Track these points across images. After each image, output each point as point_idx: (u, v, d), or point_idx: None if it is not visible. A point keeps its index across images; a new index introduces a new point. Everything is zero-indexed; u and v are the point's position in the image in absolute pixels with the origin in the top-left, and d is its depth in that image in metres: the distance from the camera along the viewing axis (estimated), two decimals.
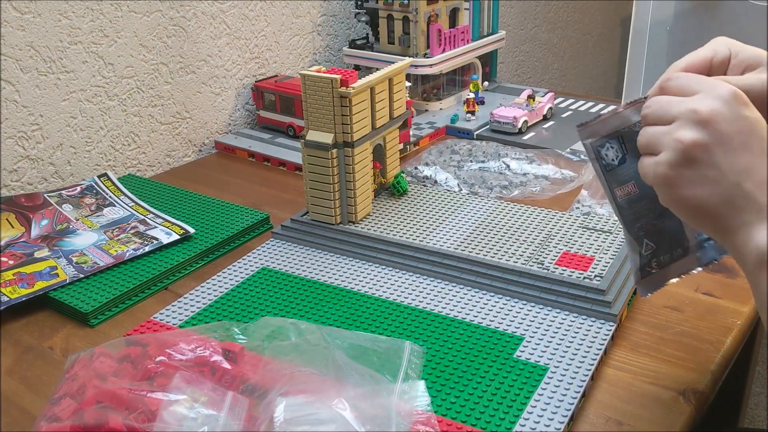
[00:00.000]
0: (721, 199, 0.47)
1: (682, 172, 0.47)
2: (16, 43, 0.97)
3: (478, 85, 1.31)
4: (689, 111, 0.47)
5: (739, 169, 0.46)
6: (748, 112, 0.47)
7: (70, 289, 0.78)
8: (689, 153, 0.47)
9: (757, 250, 0.46)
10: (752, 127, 0.47)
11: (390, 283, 0.78)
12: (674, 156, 0.47)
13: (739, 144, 0.46)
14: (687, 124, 0.47)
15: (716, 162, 0.46)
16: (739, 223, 0.47)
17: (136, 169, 1.16)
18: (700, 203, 0.48)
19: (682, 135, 0.47)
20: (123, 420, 0.52)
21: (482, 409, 0.59)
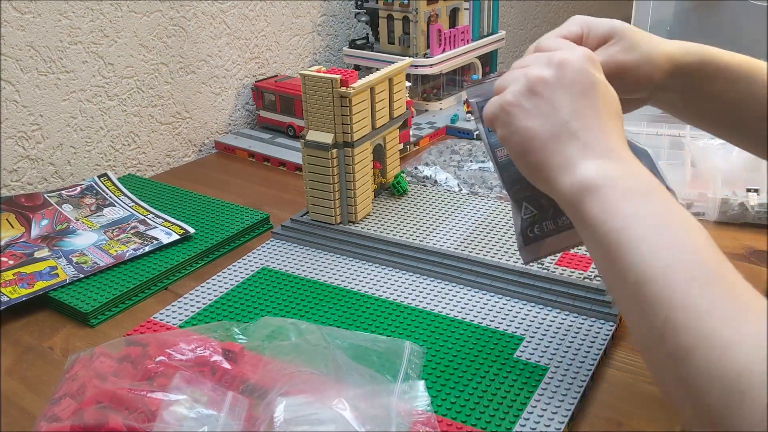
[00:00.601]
0: (549, 132, 0.50)
1: (522, 101, 0.51)
2: (16, 43, 0.97)
3: None
4: (544, 56, 0.53)
5: (572, 110, 0.50)
6: (595, 71, 0.52)
7: (70, 289, 0.78)
8: (532, 85, 0.51)
9: (579, 181, 0.48)
10: (594, 83, 0.51)
11: (390, 283, 0.78)
12: (519, 87, 0.52)
13: (578, 91, 0.50)
14: (539, 63, 0.52)
15: (553, 99, 0.50)
16: (563, 156, 0.50)
17: (136, 169, 1.16)
18: (531, 134, 0.51)
19: (530, 70, 0.52)
20: (123, 420, 0.52)
21: (482, 409, 0.59)
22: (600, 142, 0.49)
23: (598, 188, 0.47)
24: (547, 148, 0.50)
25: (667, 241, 0.44)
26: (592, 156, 0.49)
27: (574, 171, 0.49)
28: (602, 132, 0.50)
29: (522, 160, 0.53)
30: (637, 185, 0.47)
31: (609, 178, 0.48)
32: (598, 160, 0.49)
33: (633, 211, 0.46)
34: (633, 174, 0.48)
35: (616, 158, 0.49)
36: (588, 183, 0.48)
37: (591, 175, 0.48)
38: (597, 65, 0.53)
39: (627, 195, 0.47)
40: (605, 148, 0.49)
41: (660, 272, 0.43)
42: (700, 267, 0.42)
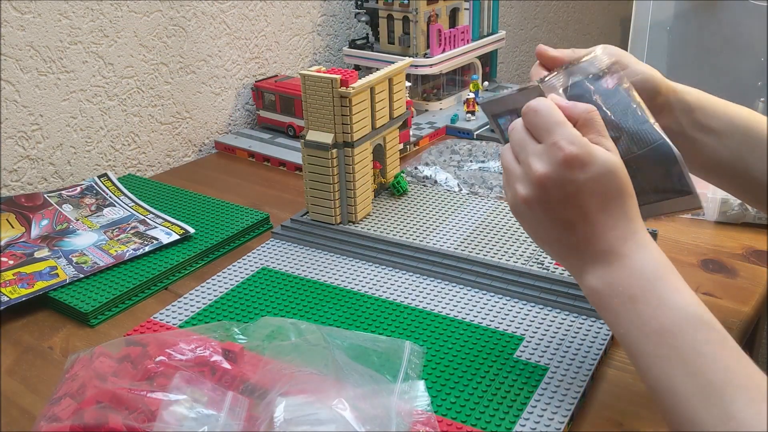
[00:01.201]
0: (548, 245, 0.55)
1: (523, 215, 0.55)
2: (16, 43, 0.97)
3: (478, 85, 1.31)
4: (528, 164, 0.53)
5: (561, 224, 0.52)
6: (578, 173, 0.51)
7: (70, 289, 0.78)
8: (516, 206, 0.54)
9: (587, 288, 0.52)
10: (579, 189, 0.51)
11: (390, 283, 0.78)
12: (513, 202, 0.55)
13: (564, 204, 0.51)
14: (525, 177, 0.53)
15: (542, 218, 0.53)
16: (570, 265, 0.54)
17: (136, 169, 1.16)
18: (540, 239, 0.55)
19: (518, 187, 0.54)
20: (123, 420, 0.52)
21: (482, 409, 0.59)
22: (597, 245, 0.51)
23: (601, 298, 0.51)
24: (557, 256, 0.55)
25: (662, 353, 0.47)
26: (592, 263, 0.52)
27: (582, 280, 0.53)
28: (597, 235, 0.51)
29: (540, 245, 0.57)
30: (633, 289, 0.49)
31: (608, 287, 0.50)
32: (596, 267, 0.51)
33: (633, 318, 0.49)
34: (629, 276, 0.50)
35: (614, 259, 0.51)
36: (592, 294, 0.52)
37: (593, 285, 0.51)
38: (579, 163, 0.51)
39: (627, 302, 0.49)
40: (602, 251, 0.51)
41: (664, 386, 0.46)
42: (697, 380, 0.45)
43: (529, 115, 0.53)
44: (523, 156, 0.53)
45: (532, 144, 0.53)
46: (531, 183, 0.52)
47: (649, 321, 0.48)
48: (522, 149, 0.54)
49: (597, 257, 0.51)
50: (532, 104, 0.53)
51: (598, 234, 0.51)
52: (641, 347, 0.48)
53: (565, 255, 0.54)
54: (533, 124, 0.53)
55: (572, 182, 0.51)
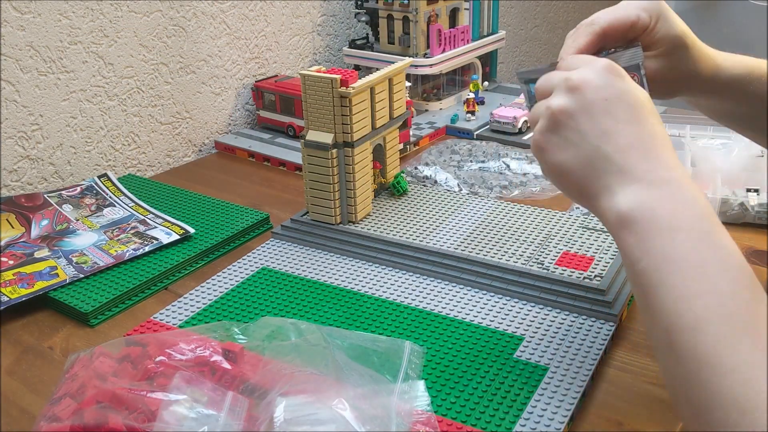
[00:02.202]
0: (582, 162, 0.48)
1: (550, 137, 0.50)
2: (16, 43, 0.97)
3: (478, 85, 1.31)
4: (563, 80, 0.50)
5: (599, 133, 0.47)
6: (618, 81, 0.48)
7: (70, 289, 0.78)
8: (555, 118, 0.49)
9: (617, 212, 0.46)
10: (619, 95, 0.48)
11: (390, 283, 0.78)
12: (544, 123, 0.50)
13: (602, 110, 0.47)
14: (559, 92, 0.50)
15: (578, 127, 0.48)
16: (599, 186, 0.48)
17: (136, 169, 1.16)
18: (566, 167, 0.49)
19: (551, 102, 0.50)
20: (123, 420, 0.52)
21: (482, 409, 0.59)
22: (639, 161, 0.47)
23: (634, 221, 0.45)
24: (584, 178, 0.49)
25: (700, 288, 0.42)
26: (630, 181, 0.46)
27: (612, 200, 0.47)
28: (639, 148, 0.47)
29: (565, 191, 0.52)
30: (676, 217, 0.44)
31: (646, 209, 0.45)
32: (635, 186, 0.46)
33: (668, 252, 0.44)
34: (673, 201, 0.45)
35: (658, 182, 0.46)
36: (625, 215, 0.46)
37: (627, 207, 0.46)
38: (619, 73, 0.50)
39: (663, 231, 0.44)
40: (643, 169, 0.46)
41: (689, 324, 0.41)
42: (730, 320, 0.41)
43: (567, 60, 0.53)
44: (556, 77, 0.51)
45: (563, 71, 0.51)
46: (569, 89, 0.49)
47: (688, 254, 0.43)
48: (553, 76, 0.51)
49: (640, 176, 0.46)
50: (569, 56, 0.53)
51: (642, 146, 0.47)
52: (672, 281, 0.43)
53: (598, 175, 0.47)
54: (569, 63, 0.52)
55: (614, 87, 0.48)
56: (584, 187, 0.49)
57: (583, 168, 0.48)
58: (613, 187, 0.47)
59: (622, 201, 0.46)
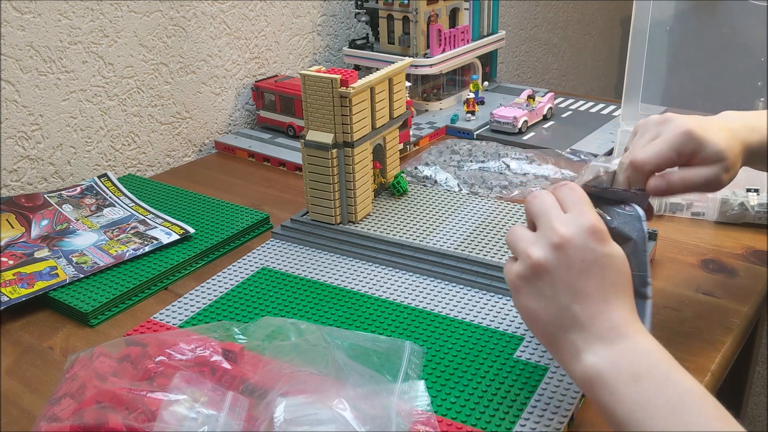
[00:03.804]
0: (552, 315, 0.52)
1: (525, 284, 0.53)
2: (16, 43, 0.97)
3: (478, 85, 1.31)
4: (550, 228, 0.53)
5: (571, 293, 0.51)
6: (598, 245, 0.52)
7: (70, 289, 0.78)
8: (534, 269, 0.52)
9: (584, 370, 0.50)
10: (597, 259, 0.51)
11: (390, 283, 0.78)
12: (521, 268, 0.53)
13: (579, 271, 0.51)
14: (541, 242, 0.53)
15: (554, 283, 0.52)
16: (566, 341, 0.51)
17: (136, 169, 1.16)
18: (536, 315, 0.53)
19: (533, 251, 0.53)
20: (123, 420, 0.52)
21: (482, 409, 0.59)
22: (602, 322, 0.50)
23: (601, 376, 0.49)
24: (552, 329, 0.52)
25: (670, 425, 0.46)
26: (594, 340, 0.50)
27: (579, 358, 0.51)
28: (604, 311, 0.51)
29: (533, 332, 0.55)
30: (637, 367, 0.49)
31: (611, 364, 0.49)
32: (599, 345, 0.50)
33: (636, 397, 0.47)
34: (634, 354, 0.49)
35: (618, 337, 0.50)
36: (592, 372, 0.50)
37: (594, 363, 0.50)
38: (602, 237, 0.52)
39: (628, 381, 0.48)
40: (607, 328, 0.50)
41: None
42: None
43: (565, 189, 0.55)
44: (545, 220, 0.53)
45: (558, 211, 0.54)
46: (552, 245, 0.52)
47: (654, 398, 0.47)
48: (544, 214, 0.54)
49: (602, 335, 0.50)
50: (569, 183, 0.56)
51: (608, 311, 0.51)
52: (647, 423, 0.46)
53: (564, 331, 0.51)
54: (563, 196, 0.55)
55: (593, 251, 0.52)
56: (552, 336, 0.53)
57: (552, 320, 0.52)
58: (578, 344, 0.51)
59: (588, 359, 0.50)
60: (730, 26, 1.07)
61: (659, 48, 1.08)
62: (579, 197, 0.55)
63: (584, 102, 1.35)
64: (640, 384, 0.48)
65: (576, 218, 0.53)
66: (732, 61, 1.07)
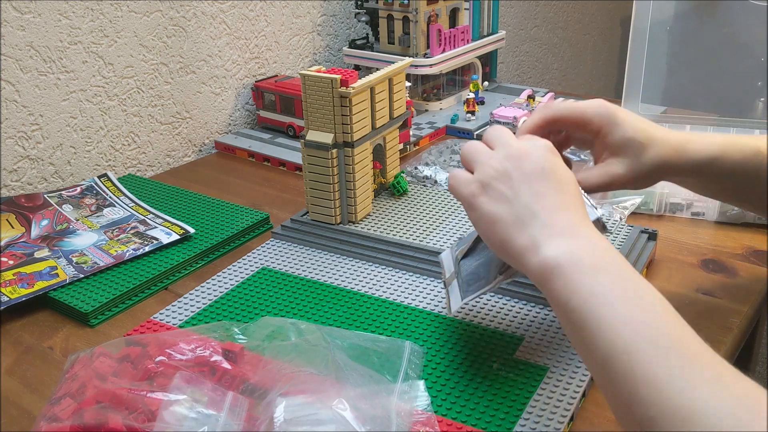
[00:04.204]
0: (513, 216, 0.54)
1: (486, 189, 0.56)
2: (16, 43, 0.97)
3: (478, 85, 1.31)
4: (507, 144, 0.57)
5: (532, 193, 0.54)
6: (554, 158, 0.56)
7: (70, 289, 0.78)
8: (495, 176, 0.56)
9: (543, 261, 0.51)
10: (553, 167, 0.56)
11: (390, 283, 0.78)
12: (483, 176, 0.56)
13: (538, 175, 0.55)
14: (500, 153, 0.57)
15: (514, 186, 0.55)
16: (526, 238, 0.53)
17: (136, 169, 1.16)
18: (497, 217, 0.55)
19: (495, 161, 0.56)
20: (123, 420, 0.52)
21: (482, 409, 0.59)
22: (560, 219, 0.53)
23: (560, 267, 0.50)
24: (512, 230, 0.54)
25: (626, 316, 0.46)
26: (554, 234, 0.52)
27: (538, 251, 0.52)
28: (562, 210, 0.53)
29: (491, 241, 0.57)
30: (596, 260, 0.50)
31: (569, 255, 0.50)
32: (558, 239, 0.52)
33: (593, 288, 0.48)
34: (591, 248, 0.51)
35: (576, 234, 0.52)
36: (551, 262, 0.51)
37: (553, 255, 0.51)
38: (555, 152, 0.57)
39: (586, 271, 0.49)
40: (565, 226, 0.52)
41: (621, 349, 0.45)
42: (657, 339, 0.45)
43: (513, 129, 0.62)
44: (501, 141, 0.58)
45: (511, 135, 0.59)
46: (513, 155, 0.56)
47: (610, 288, 0.48)
48: (501, 135, 0.58)
49: (561, 229, 0.52)
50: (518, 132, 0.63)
51: (566, 210, 0.53)
52: (600, 313, 0.47)
53: (524, 228, 0.53)
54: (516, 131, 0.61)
55: (550, 161, 0.56)
56: (509, 236, 0.54)
57: (514, 221, 0.54)
58: (538, 239, 0.52)
59: (548, 251, 0.51)
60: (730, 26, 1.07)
61: (659, 48, 1.08)
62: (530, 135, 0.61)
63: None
64: (597, 275, 0.49)
65: (531, 139, 0.58)
66: (732, 61, 1.07)
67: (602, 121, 0.64)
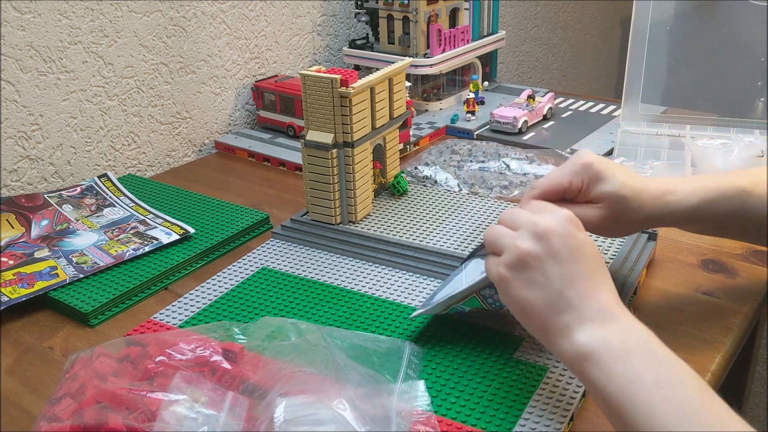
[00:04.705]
0: (545, 301, 0.54)
1: (516, 274, 0.55)
2: (16, 43, 0.97)
3: (478, 85, 1.31)
4: (531, 223, 0.56)
5: (563, 278, 0.54)
6: (578, 233, 0.56)
7: (70, 289, 0.78)
8: (524, 259, 0.55)
9: (576, 348, 0.52)
10: (580, 245, 0.55)
11: (390, 283, 0.78)
12: (511, 259, 0.56)
13: (567, 257, 0.54)
14: (527, 234, 0.56)
15: (545, 270, 0.54)
16: (559, 324, 0.53)
17: (136, 169, 1.16)
18: (530, 304, 0.55)
19: (520, 243, 0.55)
20: (123, 420, 0.52)
21: (482, 409, 0.59)
22: (592, 305, 0.53)
23: (593, 354, 0.51)
24: (546, 317, 0.54)
25: (659, 398, 0.48)
26: (586, 321, 0.52)
27: (571, 338, 0.53)
28: (593, 294, 0.53)
29: (524, 323, 0.57)
30: (628, 344, 0.51)
31: (603, 342, 0.51)
32: (591, 325, 0.52)
33: (626, 372, 0.50)
34: (622, 332, 0.52)
35: (607, 319, 0.52)
36: (584, 350, 0.52)
37: (586, 342, 0.52)
38: (579, 225, 0.57)
39: (619, 357, 0.50)
40: (597, 310, 0.53)
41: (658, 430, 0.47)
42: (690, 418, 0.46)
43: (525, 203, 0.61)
44: (523, 219, 0.57)
45: (530, 213, 0.57)
46: (536, 235, 0.55)
47: (643, 374, 0.49)
48: (520, 215, 0.57)
49: (592, 315, 0.53)
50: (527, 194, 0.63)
51: (595, 292, 0.53)
52: (637, 398, 0.48)
53: (557, 315, 0.53)
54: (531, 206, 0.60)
55: (575, 237, 0.55)
56: (544, 324, 0.54)
57: (546, 307, 0.54)
58: (570, 326, 0.53)
59: (580, 338, 0.52)
60: (730, 26, 1.07)
61: (659, 48, 1.08)
62: (546, 204, 0.60)
63: (584, 102, 1.35)
64: (629, 361, 0.50)
65: (552, 211, 0.57)
66: (732, 61, 1.07)
67: (583, 179, 0.66)
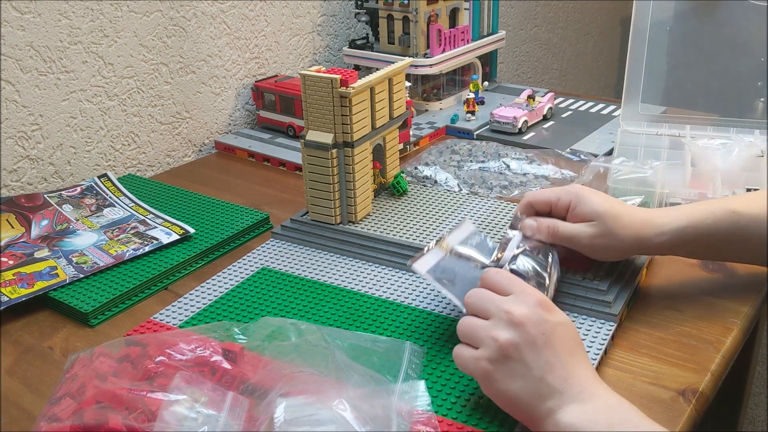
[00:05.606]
0: (529, 390, 0.55)
1: (498, 367, 0.56)
2: (16, 43, 0.97)
3: (478, 85, 1.31)
4: (504, 311, 0.57)
5: (543, 365, 0.55)
6: (550, 316, 0.57)
7: (70, 289, 0.78)
8: (505, 350, 0.55)
9: (559, 429, 0.54)
10: (554, 329, 0.56)
11: (390, 283, 0.78)
12: (493, 353, 0.56)
13: (543, 343, 0.55)
14: (502, 324, 0.56)
15: (524, 359, 0.55)
16: (545, 409, 0.54)
17: (136, 169, 1.16)
18: (514, 395, 0.55)
19: (497, 334, 0.56)
20: (123, 420, 0.52)
21: (483, 410, 0.59)
22: (574, 386, 0.55)
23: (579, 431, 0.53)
24: (532, 406, 0.55)
25: None
26: (569, 402, 0.54)
27: (556, 420, 0.54)
28: (573, 375, 0.55)
29: (510, 412, 0.57)
30: (610, 418, 0.53)
31: (587, 421, 0.53)
32: (574, 405, 0.54)
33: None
34: (603, 408, 0.54)
35: (589, 397, 0.54)
36: (569, 430, 0.53)
37: (571, 422, 0.53)
38: (549, 307, 0.58)
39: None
40: (578, 391, 0.54)
41: None
42: None
43: (490, 278, 0.60)
44: (494, 307, 0.57)
45: (501, 297, 0.58)
46: (512, 325, 0.56)
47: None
48: (491, 302, 0.58)
49: (574, 396, 0.54)
50: (491, 272, 0.61)
51: (575, 374, 0.55)
52: None
53: (541, 400, 0.54)
54: (496, 282, 0.60)
55: (548, 322, 0.56)
56: (530, 411, 0.55)
57: (531, 397, 0.55)
58: (555, 409, 0.54)
59: (565, 418, 0.54)
60: (730, 26, 1.07)
61: (659, 48, 1.08)
62: (510, 278, 0.60)
63: (584, 102, 1.35)
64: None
65: (522, 297, 0.58)
66: (732, 61, 1.07)
67: (571, 198, 0.70)
